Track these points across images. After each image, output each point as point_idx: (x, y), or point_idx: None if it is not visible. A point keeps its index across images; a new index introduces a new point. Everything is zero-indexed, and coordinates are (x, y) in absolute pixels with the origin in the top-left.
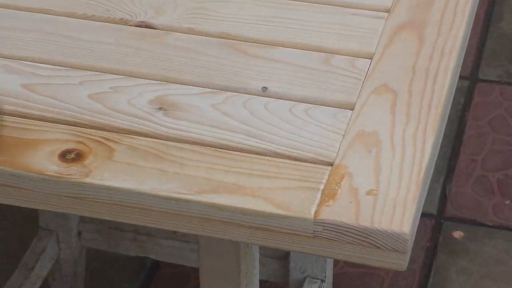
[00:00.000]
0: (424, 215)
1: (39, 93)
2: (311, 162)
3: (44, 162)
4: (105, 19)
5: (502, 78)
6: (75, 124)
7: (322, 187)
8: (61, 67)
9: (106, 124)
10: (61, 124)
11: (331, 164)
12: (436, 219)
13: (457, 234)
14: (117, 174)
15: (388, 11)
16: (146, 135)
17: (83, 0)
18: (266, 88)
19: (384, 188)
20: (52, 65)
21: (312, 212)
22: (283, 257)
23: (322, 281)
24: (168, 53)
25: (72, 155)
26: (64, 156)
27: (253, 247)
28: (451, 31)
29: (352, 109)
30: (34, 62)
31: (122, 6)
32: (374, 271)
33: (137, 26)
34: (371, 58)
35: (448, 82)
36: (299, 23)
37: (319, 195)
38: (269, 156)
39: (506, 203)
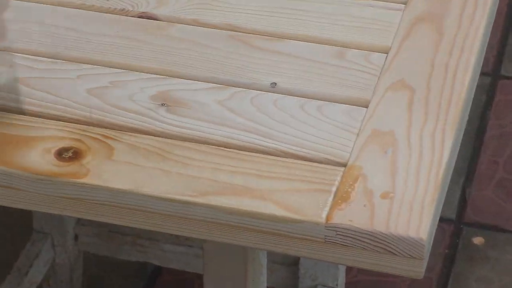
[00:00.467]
0: (442, 220)
1: (34, 88)
2: (323, 163)
3: (40, 160)
4: (105, 9)
5: None
6: (72, 121)
7: (334, 189)
8: (57, 60)
9: (105, 121)
10: (57, 120)
11: (344, 165)
12: (455, 224)
13: (477, 240)
14: (116, 174)
15: (405, 2)
16: (147, 132)
17: None
18: (275, 83)
19: (400, 190)
20: (48, 58)
21: (324, 216)
22: (293, 263)
23: None
24: (171, 45)
25: (69, 154)
26: (60, 154)
27: (261, 253)
28: (472, 25)
29: (366, 107)
30: (29, 54)
31: None
32: (389, 279)
33: (139, 17)
34: (387, 53)
35: (468, 78)
36: (311, 14)
37: (331, 198)
38: (278, 156)
39: None
